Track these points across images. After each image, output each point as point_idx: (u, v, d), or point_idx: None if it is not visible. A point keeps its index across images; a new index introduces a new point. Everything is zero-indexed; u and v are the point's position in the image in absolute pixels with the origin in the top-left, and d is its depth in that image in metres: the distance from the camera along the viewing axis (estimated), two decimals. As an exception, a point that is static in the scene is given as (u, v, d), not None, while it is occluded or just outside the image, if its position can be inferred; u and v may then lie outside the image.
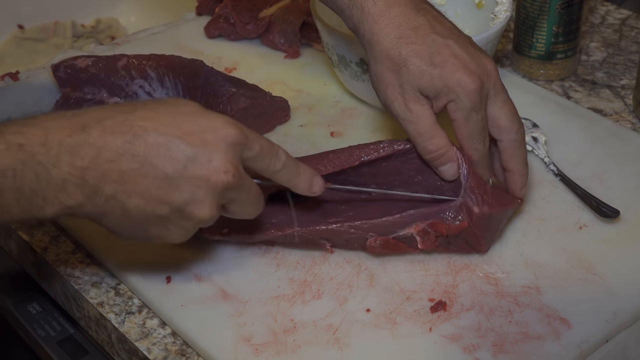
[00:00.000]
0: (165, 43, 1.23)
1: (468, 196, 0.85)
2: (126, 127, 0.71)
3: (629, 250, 0.90)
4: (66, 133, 0.70)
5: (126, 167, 0.71)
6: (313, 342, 0.81)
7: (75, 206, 0.71)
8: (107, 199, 0.71)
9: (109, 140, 0.70)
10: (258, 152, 0.76)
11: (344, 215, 0.87)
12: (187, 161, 0.72)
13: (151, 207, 0.73)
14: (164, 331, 0.84)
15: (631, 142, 1.04)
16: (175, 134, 0.71)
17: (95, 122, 0.71)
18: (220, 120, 0.74)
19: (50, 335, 0.94)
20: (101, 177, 0.70)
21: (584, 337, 0.81)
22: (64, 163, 0.69)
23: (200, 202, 0.73)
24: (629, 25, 1.29)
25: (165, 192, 0.72)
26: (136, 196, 0.72)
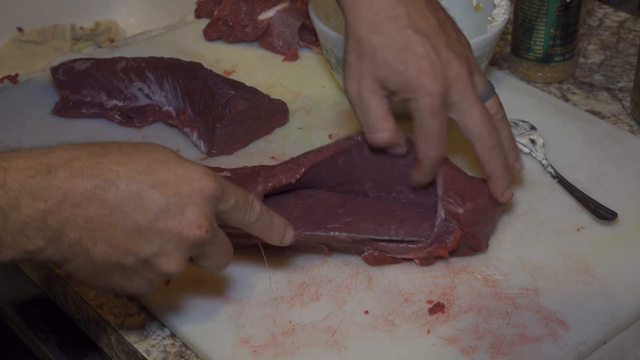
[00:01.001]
0: (164, 46, 1.23)
1: (447, 201, 0.85)
2: (97, 171, 0.67)
3: (627, 252, 0.90)
4: (28, 174, 0.66)
5: (94, 212, 0.67)
6: (311, 344, 0.81)
7: (35, 250, 0.68)
8: (71, 245, 0.68)
9: (77, 183, 0.67)
10: (233, 205, 0.73)
11: (342, 220, 0.87)
12: (159, 212, 0.69)
13: (117, 256, 0.69)
14: (163, 333, 0.84)
15: (629, 145, 1.04)
16: (149, 183, 0.68)
17: (63, 163, 0.67)
18: (197, 171, 0.70)
19: (49, 338, 0.94)
20: (65, 221, 0.67)
21: (582, 339, 0.81)
22: (25, 206, 0.66)
23: (169, 256, 0.70)
24: (626, 27, 1.30)
25: (134, 242, 0.69)
26: (102, 244, 0.69)
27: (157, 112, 1.08)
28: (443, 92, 0.81)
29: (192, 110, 1.06)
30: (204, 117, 1.05)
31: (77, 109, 1.10)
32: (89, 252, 0.69)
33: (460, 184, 0.86)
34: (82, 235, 0.68)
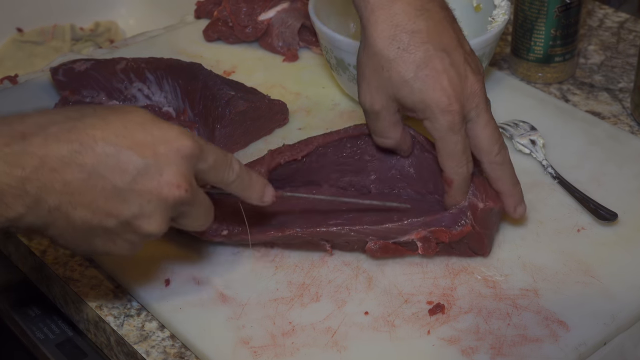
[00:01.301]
0: (164, 46, 1.23)
1: (472, 194, 0.85)
2: (73, 135, 0.67)
3: (627, 252, 0.90)
4: (3, 142, 0.66)
5: (72, 177, 0.67)
6: (311, 344, 0.81)
7: (16, 217, 0.67)
8: (50, 210, 0.68)
9: (53, 148, 0.67)
10: (212, 164, 0.74)
11: (344, 216, 0.88)
12: (138, 174, 0.69)
13: (98, 219, 0.70)
14: (162, 334, 0.84)
15: (629, 145, 1.04)
16: (126, 145, 0.69)
17: (38, 128, 0.67)
18: (174, 131, 0.71)
19: (49, 338, 0.94)
20: (44, 187, 0.67)
21: (582, 339, 0.81)
22: (2, 173, 0.65)
23: (149, 217, 0.71)
24: (627, 28, 1.30)
25: (113, 204, 0.69)
26: (82, 208, 0.69)
27: (157, 112, 1.08)
28: (461, 109, 0.81)
29: (192, 110, 1.06)
30: (204, 118, 1.05)
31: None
32: (69, 216, 0.69)
33: (486, 185, 0.86)
34: (62, 200, 0.68)
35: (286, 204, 0.89)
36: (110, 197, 0.69)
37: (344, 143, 0.92)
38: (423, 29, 0.81)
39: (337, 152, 0.92)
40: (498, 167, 0.85)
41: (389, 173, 0.92)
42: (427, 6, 0.83)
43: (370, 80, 0.84)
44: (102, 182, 0.68)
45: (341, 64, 1.06)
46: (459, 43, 0.83)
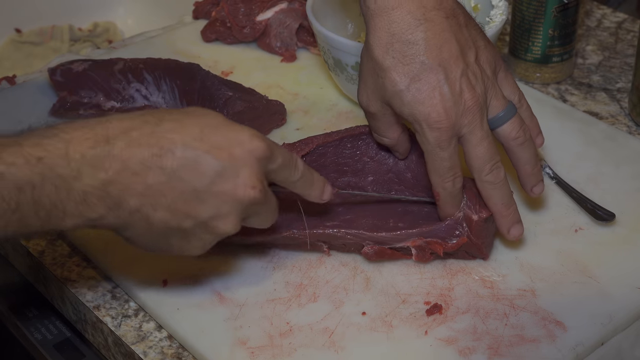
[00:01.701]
0: (162, 47, 1.23)
1: (467, 206, 0.85)
2: (153, 140, 0.70)
3: (625, 253, 0.90)
4: (88, 145, 0.68)
5: (153, 180, 0.70)
6: (309, 345, 0.81)
7: (97, 218, 0.70)
8: (132, 212, 0.71)
9: (135, 152, 0.69)
10: (280, 165, 0.76)
11: (341, 218, 0.88)
12: (216, 176, 0.71)
13: (176, 221, 0.72)
14: (160, 334, 0.84)
15: (627, 145, 1.04)
16: (204, 148, 0.71)
17: (120, 133, 0.70)
18: (246, 133, 0.73)
19: (46, 339, 0.94)
20: (125, 189, 0.69)
21: (580, 339, 0.81)
22: (86, 176, 0.68)
23: (225, 217, 0.73)
24: (624, 28, 1.30)
25: (192, 206, 0.72)
26: (162, 209, 0.71)
27: (155, 113, 1.08)
28: (451, 126, 0.80)
29: (189, 111, 1.06)
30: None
31: (75, 110, 1.10)
32: (149, 218, 0.71)
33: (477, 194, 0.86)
34: (143, 202, 0.70)
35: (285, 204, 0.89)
36: (189, 199, 0.71)
37: (344, 143, 0.93)
38: (420, 40, 0.80)
39: (337, 153, 0.93)
40: (489, 186, 0.83)
41: (386, 176, 0.92)
42: (429, 15, 0.81)
43: (367, 83, 0.84)
44: (182, 185, 0.71)
45: (339, 65, 1.06)
46: (460, 55, 0.81)
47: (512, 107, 0.84)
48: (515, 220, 0.85)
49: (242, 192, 0.73)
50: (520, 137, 0.84)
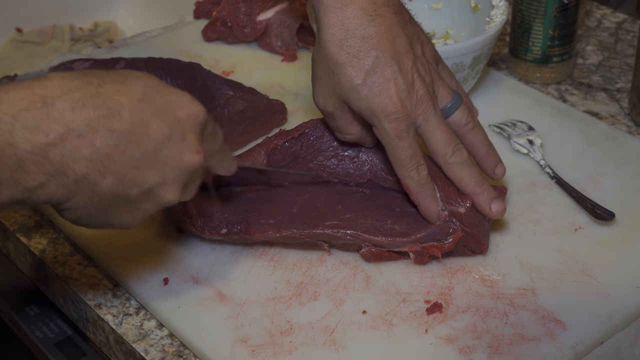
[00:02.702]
0: (163, 46, 1.24)
1: (447, 202, 0.86)
2: (99, 101, 0.65)
3: (624, 252, 0.90)
4: (22, 106, 0.63)
5: (101, 143, 0.65)
6: (309, 343, 0.81)
7: (36, 187, 0.65)
8: (77, 179, 0.66)
9: (80, 114, 0.64)
10: (210, 132, 0.74)
11: (341, 217, 0.88)
12: (164, 139, 0.68)
13: (123, 188, 0.68)
14: (161, 333, 0.84)
15: (626, 145, 1.04)
16: (150, 110, 0.68)
17: (61, 93, 0.64)
18: (187, 96, 0.71)
19: (48, 337, 0.94)
20: (70, 154, 0.64)
21: (579, 338, 0.81)
22: (21, 140, 0.63)
23: (171, 184, 0.70)
24: (624, 28, 1.30)
25: (140, 172, 0.68)
26: (111, 176, 0.67)
27: (156, 112, 1.08)
28: (407, 116, 0.82)
29: (190, 110, 1.06)
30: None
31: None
32: (96, 185, 0.67)
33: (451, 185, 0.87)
34: (90, 168, 0.66)
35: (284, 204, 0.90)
36: (138, 164, 0.68)
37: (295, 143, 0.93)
38: (374, 35, 0.81)
39: (291, 154, 0.93)
40: (456, 167, 0.85)
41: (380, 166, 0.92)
42: (380, 11, 0.82)
43: (322, 82, 0.84)
44: (132, 149, 0.67)
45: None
46: (409, 48, 0.83)
47: (458, 96, 0.87)
48: (492, 196, 0.86)
49: (188, 157, 0.70)
50: (470, 123, 0.87)
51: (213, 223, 0.88)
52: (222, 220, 0.88)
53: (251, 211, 0.89)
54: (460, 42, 1.03)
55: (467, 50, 1.02)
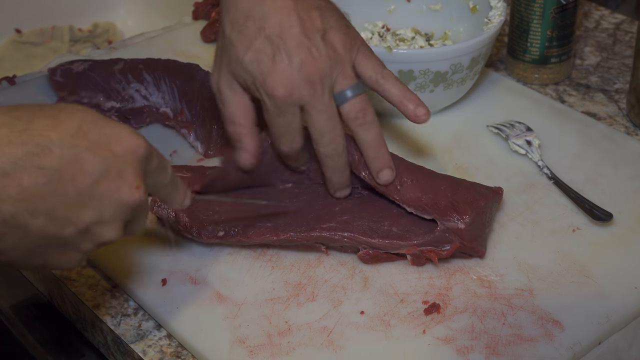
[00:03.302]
0: (162, 47, 1.24)
1: (445, 219, 0.86)
2: (27, 137, 0.62)
3: (622, 252, 0.90)
4: None
5: (29, 182, 0.62)
6: (307, 344, 0.81)
7: None
8: (4, 220, 0.63)
9: (5, 151, 0.62)
10: (156, 166, 0.71)
11: (338, 219, 0.88)
12: (99, 176, 0.65)
13: (57, 228, 0.65)
14: (159, 333, 0.85)
15: (625, 146, 1.04)
16: (84, 146, 0.65)
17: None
18: (125, 129, 0.68)
19: (46, 338, 0.94)
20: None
21: (577, 339, 0.81)
22: None
23: (110, 223, 0.67)
24: (623, 29, 1.30)
25: (74, 210, 0.65)
26: (41, 216, 0.64)
27: (155, 113, 1.09)
28: (288, 95, 0.82)
29: (189, 111, 1.06)
30: (201, 119, 1.05)
31: (75, 110, 1.10)
32: (27, 226, 0.64)
33: (444, 197, 0.87)
34: (18, 208, 0.63)
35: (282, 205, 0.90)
36: (72, 203, 0.65)
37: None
38: (262, 14, 0.82)
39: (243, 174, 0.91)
40: (324, 157, 0.86)
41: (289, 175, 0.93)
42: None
43: (217, 62, 0.86)
44: (64, 187, 0.64)
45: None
46: (301, 29, 0.83)
47: (357, 87, 0.85)
48: (344, 184, 0.89)
49: (126, 193, 0.67)
50: (359, 119, 0.85)
51: (210, 226, 0.88)
52: (219, 224, 0.88)
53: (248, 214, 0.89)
54: (459, 43, 1.03)
55: (465, 51, 1.03)
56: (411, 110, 0.87)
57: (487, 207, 0.88)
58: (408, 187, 0.87)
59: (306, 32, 0.83)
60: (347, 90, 0.84)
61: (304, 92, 0.82)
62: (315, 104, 0.83)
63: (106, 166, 0.66)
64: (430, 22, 1.17)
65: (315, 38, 0.83)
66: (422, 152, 1.04)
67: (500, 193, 0.90)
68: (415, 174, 0.88)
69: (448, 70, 1.03)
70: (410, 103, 0.87)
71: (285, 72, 0.82)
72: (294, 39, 0.82)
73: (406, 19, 1.17)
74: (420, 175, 0.88)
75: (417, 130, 1.08)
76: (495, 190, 0.90)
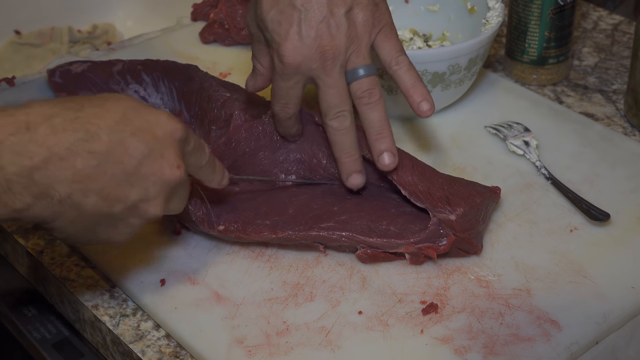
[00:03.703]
0: (161, 48, 1.24)
1: (437, 210, 0.86)
2: (77, 125, 0.69)
3: (619, 253, 0.90)
4: (9, 131, 0.67)
5: (82, 165, 0.69)
6: (305, 344, 0.81)
7: (23, 208, 0.68)
8: (61, 200, 0.69)
9: (61, 138, 0.68)
10: (193, 147, 0.77)
11: (336, 218, 0.88)
12: (143, 158, 0.71)
13: (107, 206, 0.71)
14: (158, 333, 0.85)
15: (622, 146, 1.05)
16: (129, 131, 0.71)
17: (42, 120, 0.68)
18: (164, 115, 0.74)
19: (45, 338, 0.95)
20: (53, 176, 0.68)
21: (574, 339, 0.81)
22: (9, 163, 0.66)
23: (153, 199, 0.73)
24: (621, 30, 1.30)
25: (123, 189, 0.71)
26: (93, 195, 0.70)
27: (153, 114, 1.09)
28: (296, 65, 0.85)
29: (187, 112, 1.06)
30: (200, 119, 1.05)
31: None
32: (80, 205, 0.70)
33: (440, 189, 0.87)
34: (73, 188, 0.69)
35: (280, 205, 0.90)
36: (120, 182, 0.71)
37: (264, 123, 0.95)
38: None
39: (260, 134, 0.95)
40: (331, 130, 0.87)
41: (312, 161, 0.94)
42: None
43: (251, 6, 0.89)
44: (112, 168, 0.70)
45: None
46: (327, 4, 0.85)
47: (369, 67, 0.87)
48: (354, 169, 0.89)
49: (168, 172, 0.73)
50: (365, 98, 0.87)
51: (211, 217, 0.89)
52: (220, 218, 0.89)
53: (248, 210, 0.89)
54: (457, 44, 1.03)
55: (464, 51, 1.03)
56: (416, 102, 0.88)
57: (482, 204, 0.88)
58: (407, 171, 0.88)
59: (331, 6, 0.85)
60: (360, 69, 0.86)
61: (314, 65, 0.85)
62: (324, 78, 0.85)
63: (149, 148, 0.72)
64: (429, 23, 1.17)
65: (338, 13, 0.85)
66: (421, 152, 1.04)
67: (498, 192, 0.90)
68: (416, 162, 0.89)
69: (446, 71, 1.03)
70: (417, 95, 0.88)
71: (298, 43, 0.85)
72: (316, 11, 0.85)
73: (404, 20, 1.17)
74: (420, 165, 0.89)
75: (415, 130, 1.08)
76: (493, 189, 0.90)
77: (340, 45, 0.85)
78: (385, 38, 0.88)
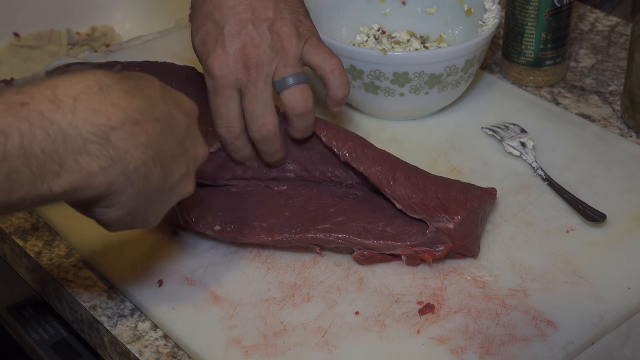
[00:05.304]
0: (159, 50, 1.24)
1: (434, 220, 0.86)
2: (142, 92, 0.67)
3: (615, 253, 0.91)
4: (80, 89, 0.62)
5: (153, 130, 0.66)
6: (302, 344, 0.82)
7: (98, 172, 0.63)
8: (136, 167, 0.65)
9: (132, 101, 0.65)
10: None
11: (333, 220, 0.88)
12: (186, 130, 0.71)
13: (164, 179, 0.69)
14: (155, 334, 0.85)
15: (619, 148, 1.05)
16: (173, 104, 0.70)
17: (112, 83, 0.65)
18: (181, 94, 0.74)
19: (43, 339, 0.95)
20: (130, 139, 0.64)
21: (570, 339, 0.82)
22: (83, 121, 0.62)
23: (189, 176, 0.73)
24: (617, 32, 1.31)
25: (176, 161, 0.70)
26: (159, 165, 0.67)
27: (151, 115, 1.09)
28: (223, 76, 0.87)
29: (185, 113, 1.07)
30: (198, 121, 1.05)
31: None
32: (149, 175, 0.67)
33: (434, 198, 0.87)
34: (146, 155, 0.66)
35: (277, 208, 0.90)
36: (174, 154, 0.69)
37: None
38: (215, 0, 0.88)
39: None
40: (257, 143, 0.89)
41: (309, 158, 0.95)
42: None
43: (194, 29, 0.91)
44: (170, 138, 0.69)
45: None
46: (251, 18, 0.87)
47: (297, 77, 0.88)
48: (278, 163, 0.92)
49: (201, 148, 0.74)
50: (297, 108, 0.88)
51: (208, 218, 0.89)
52: (217, 218, 0.89)
53: (245, 211, 0.90)
54: (453, 46, 1.04)
55: (460, 53, 1.03)
56: (330, 106, 0.92)
57: (479, 208, 0.88)
58: (400, 184, 0.88)
59: (254, 20, 0.88)
60: (289, 78, 0.88)
61: (239, 76, 0.87)
62: (249, 88, 0.87)
63: (187, 123, 0.72)
64: (426, 24, 1.18)
65: (261, 26, 0.88)
66: (417, 153, 1.04)
67: (494, 194, 0.90)
68: (409, 173, 0.89)
69: (443, 73, 1.04)
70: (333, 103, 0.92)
71: (223, 57, 0.87)
72: (238, 25, 0.87)
73: (401, 21, 1.18)
74: (413, 175, 0.89)
75: (412, 132, 1.08)
76: (489, 190, 0.90)
77: (264, 56, 0.87)
78: (313, 47, 0.90)
